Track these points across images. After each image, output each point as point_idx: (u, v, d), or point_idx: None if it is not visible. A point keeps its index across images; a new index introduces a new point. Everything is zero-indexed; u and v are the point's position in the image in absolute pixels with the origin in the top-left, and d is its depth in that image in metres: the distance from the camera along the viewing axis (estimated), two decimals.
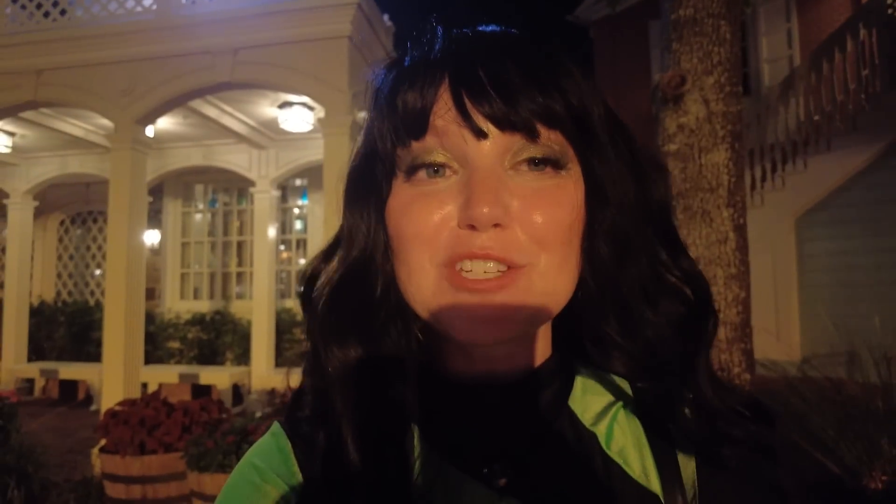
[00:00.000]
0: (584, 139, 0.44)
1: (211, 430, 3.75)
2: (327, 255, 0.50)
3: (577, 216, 0.44)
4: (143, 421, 3.76)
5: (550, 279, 0.43)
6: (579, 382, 0.50)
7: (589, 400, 0.49)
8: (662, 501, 0.44)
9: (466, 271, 0.41)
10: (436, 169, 0.43)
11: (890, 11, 6.69)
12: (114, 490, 3.74)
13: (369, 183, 0.47)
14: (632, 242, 0.46)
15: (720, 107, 2.51)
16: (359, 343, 0.45)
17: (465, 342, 0.43)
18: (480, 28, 0.47)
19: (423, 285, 0.43)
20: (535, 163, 0.43)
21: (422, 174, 0.43)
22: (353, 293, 0.46)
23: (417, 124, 0.43)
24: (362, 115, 0.51)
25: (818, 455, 2.16)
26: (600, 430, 0.47)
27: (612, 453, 0.46)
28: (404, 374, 0.45)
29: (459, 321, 0.42)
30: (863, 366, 2.83)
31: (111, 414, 3.86)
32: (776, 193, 7.33)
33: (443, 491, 0.44)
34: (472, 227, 0.40)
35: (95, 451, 4.17)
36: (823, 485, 2.16)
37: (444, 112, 0.42)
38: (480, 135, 0.41)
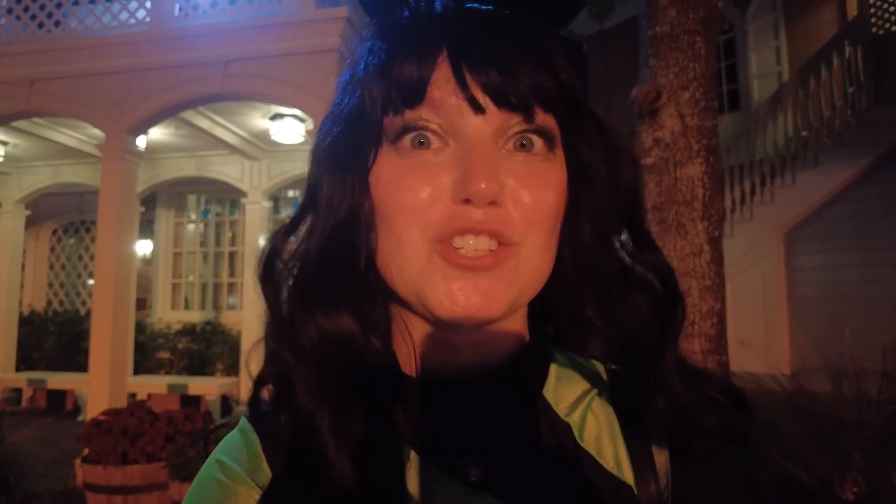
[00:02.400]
0: (574, 122, 0.45)
1: (195, 440, 3.74)
2: (290, 228, 0.47)
3: (563, 199, 0.45)
4: (125, 430, 3.75)
5: (536, 259, 0.43)
6: (553, 370, 0.49)
7: (564, 389, 0.48)
8: (635, 491, 0.43)
9: (458, 248, 0.41)
10: (422, 141, 0.42)
11: (874, 30, 6.81)
12: (95, 500, 3.72)
13: (352, 149, 0.44)
14: (611, 224, 0.47)
15: (695, 121, 2.55)
16: (346, 314, 0.43)
17: (450, 320, 0.41)
18: (472, 5, 0.46)
19: (412, 260, 0.42)
20: (524, 144, 0.42)
21: (408, 142, 0.42)
22: (339, 261, 0.44)
23: (414, 93, 0.41)
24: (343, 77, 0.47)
25: (790, 465, 2.18)
26: (574, 420, 0.46)
27: (586, 444, 0.45)
28: (383, 357, 0.44)
29: (447, 299, 0.41)
30: (850, 379, 2.86)
31: (94, 423, 3.85)
32: (765, 207, 7.40)
33: (415, 484, 0.42)
34: (468, 202, 0.40)
35: (79, 461, 4.15)
36: (794, 491, 2.18)
37: (442, 83, 0.41)
38: (479, 109, 0.41)
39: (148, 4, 5.28)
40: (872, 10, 6.90)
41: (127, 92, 5.02)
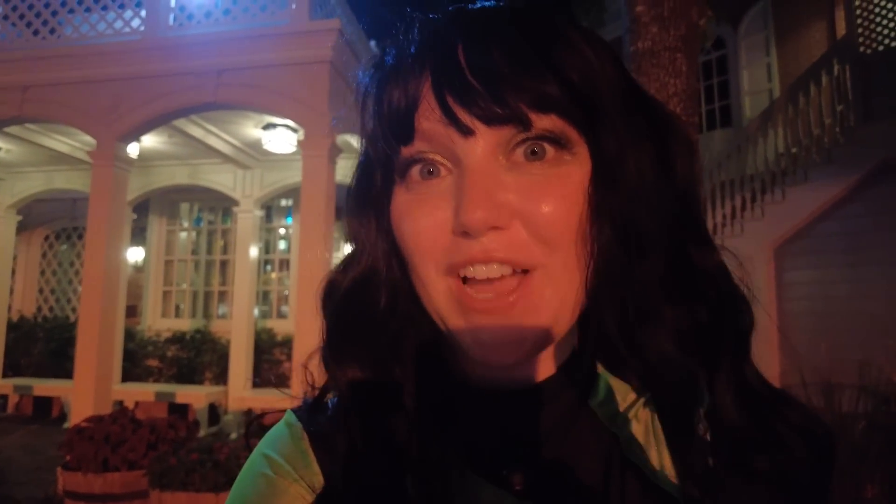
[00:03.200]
0: (589, 116, 0.40)
1: (177, 448, 3.72)
2: (347, 264, 0.48)
3: (583, 205, 0.40)
4: (107, 437, 3.73)
5: (563, 283, 0.40)
6: (602, 381, 0.47)
7: (612, 400, 0.46)
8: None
9: (470, 277, 0.40)
10: (430, 170, 0.41)
11: (862, 49, 6.90)
12: None
13: (369, 190, 0.45)
14: (645, 231, 0.40)
15: None
16: (364, 360, 0.44)
17: (483, 363, 0.41)
18: (466, 7, 0.43)
19: (435, 297, 0.42)
20: (534, 151, 0.39)
21: (415, 174, 0.41)
22: (356, 306, 0.45)
23: (404, 129, 0.40)
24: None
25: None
26: (621, 431, 0.44)
27: (632, 455, 0.43)
28: (416, 380, 0.44)
29: (472, 344, 0.40)
30: (827, 393, 2.88)
31: (76, 430, 3.83)
32: (756, 223, 7.45)
33: (462, 495, 0.42)
34: (467, 234, 0.38)
35: (60, 468, 4.12)
36: None
37: (428, 113, 0.39)
38: (467, 132, 0.39)
39: (143, 13, 5.32)
40: (860, 30, 7.00)
41: (119, 99, 5.05)
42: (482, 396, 0.45)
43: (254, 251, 7.19)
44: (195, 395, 6.81)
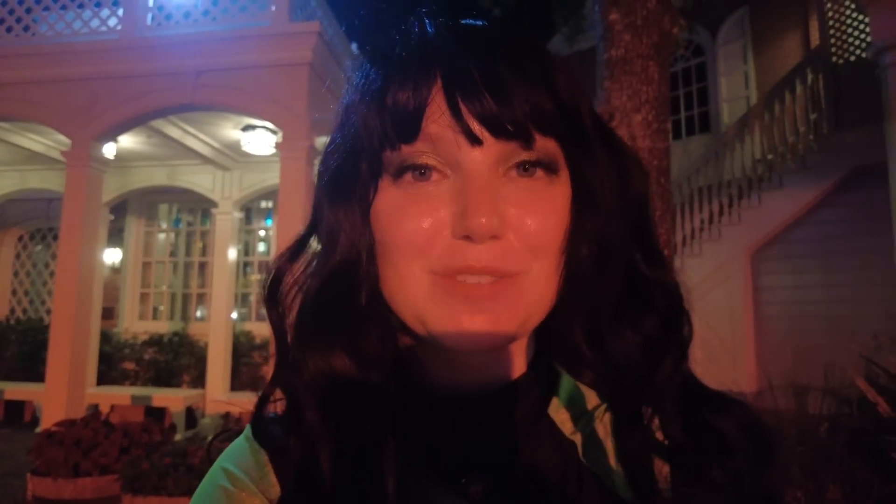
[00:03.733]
0: (576, 142, 0.43)
1: (150, 452, 3.68)
2: (294, 253, 0.47)
3: (566, 222, 0.43)
4: (79, 442, 3.67)
5: (541, 286, 0.42)
6: (562, 390, 0.48)
7: (569, 408, 0.47)
8: None
9: (460, 281, 0.41)
10: (422, 171, 0.41)
11: (835, 59, 7.06)
12: None
13: (353, 182, 0.44)
14: (613, 247, 0.44)
15: (647, 143, 2.63)
16: (341, 353, 0.43)
17: (455, 349, 0.41)
18: (467, 21, 0.45)
19: (414, 293, 0.42)
20: (526, 168, 0.42)
21: (409, 176, 0.42)
22: (337, 300, 0.44)
23: (410, 128, 0.41)
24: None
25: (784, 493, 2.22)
26: (578, 439, 0.46)
27: (590, 461, 0.45)
28: (384, 385, 0.43)
29: (452, 329, 0.41)
30: (796, 396, 2.94)
31: (46, 435, 3.77)
32: (732, 228, 7.56)
33: (419, 503, 0.42)
34: (468, 238, 0.39)
35: (30, 473, 4.05)
36: None
37: (437, 116, 0.40)
38: (476, 141, 0.40)
39: (120, 12, 5.26)
40: (833, 41, 7.16)
41: (95, 99, 4.98)
42: (441, 403, 0.46)
43: (233, 253, 7.13)
44: (172, 399, 6.72)
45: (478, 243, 0.39)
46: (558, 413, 0.47)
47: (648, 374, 0.44)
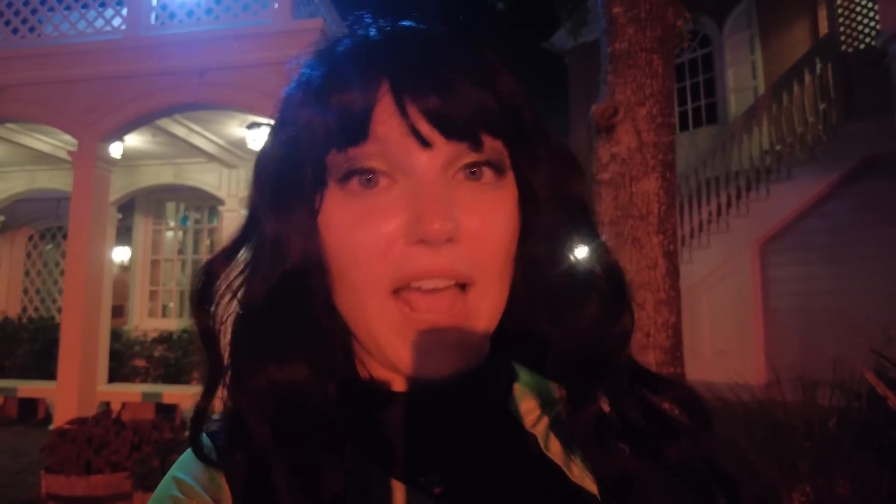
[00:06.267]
0: (520, 144, 0.43)
1: (161, 450, 3.71)
2: (230, 254, 0.46)
3: (515, 225, 0.44)
4: (90, 439, 3.71)
5: (493, 296, 0.42)
6: (519, 383, 0.48)
7: (528, 401, 0.47)
8: (599, 500, 0.43)
9: (416, 287, 0.40)
10: (369, 178, 0.41)
11: (844, 48, 6.98)
12: None
13: (297, 187, 0.42)
14: (562, 244, 0.46)
15: (651, 137, 2.61)
16: (294, 364, 0.42)
17: (412, 377, 0.41)
18: (408, 24, 0.44)
19: (370, 314, 0.41)
20: (473, 171, 0.41)
21: (356, 182, 0.41)
22: (288, 309, 0.42)
23: (358, 129, 0.39)
24: None
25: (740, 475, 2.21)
26: (539, 431, 0.46)
27: (553, 454, 0.45)
28: (334, 392, 0.43)
29: (408, 361, 0.41)
30: (806, 390, 2.92)
31: (58, 433, 3.81)
32: (741, 219, 7.51)
33: (380, 501, 0.42)
34: (423, 243, 0.39)
35: (43, 471, 4.10)
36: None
37: (385, 117, 0.39)
38: (425, 144, 0.39)
39: (124, 12, 5.28)
40: (842, 29, 7.07)
41: (100, 99, 5.01)
42: (398, 398, 0.45)
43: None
44: (182, 396, 6.77)
45: (433, 247, 0.39)
46: (519, 406, 0.47)
47: (599, 353, 0.45)
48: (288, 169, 0.43)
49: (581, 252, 0.48)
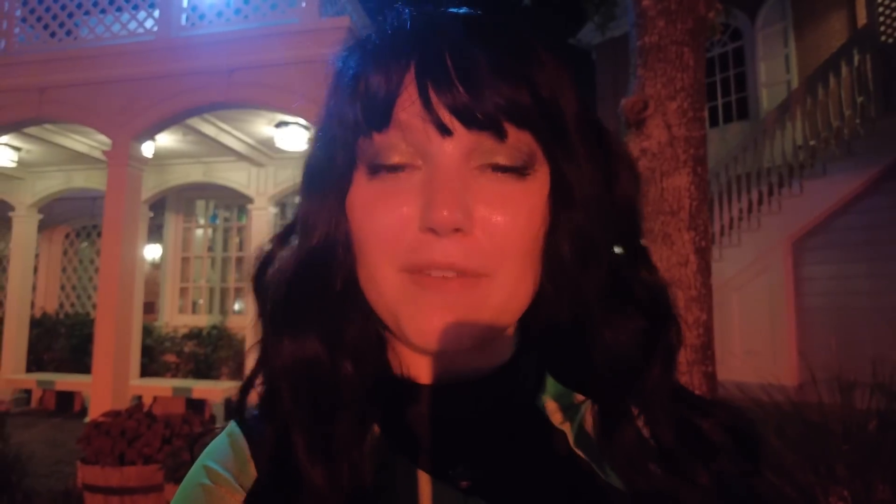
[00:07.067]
0: (554, 138, 0.42)
1: (191, 443, 3.78)
2: (282, 238, 0.48)
3: (542, 221, 0.42)
4: (123, 432, 3.80)
5: (508, 290, 0.41)
6: (549, 381, 0.48)
7: (558, 399, 0.47)
8: (630, 498, 0.42)
9: (426, 273, 0.41)
10: (395, 163, 0.41)
11: (883, 38, 6.75)
12: (93, 501, 3.78)
13: (329, 170, 0.44)
14: (596, 244, 0.43)
15: (682, 131, 2.55)
16: (313, 339, 0.43)
17: (424, 349, 0.42)
18: (450, 10, 0.44)
19: (384, 289, 0.42)
20: (497, 163, 0.41)
21: (383, 170, 0.42)
22: (310, 285, 0.44)
23: (381, 116, 0.40)
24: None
25: (773, 477, 2.16)
26: (568, 428, 0.46)
27: (580, 450, 0.45)
28: (361, 372, 0.43)
29: (421, 329, 0.41)
30: (843, 391, 2.83)
31: (94, 425, 3.92)
32: (772, 217, 7.34)
33: (407, 492, 0.42)
34: (433, 231, 0.39)
35: (80, 461, 4.22)
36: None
37: (408, 105, 0.40)
38: (445, 132, 0.39)
39: (156, 14, 5.39)
40: (882, 19, 6.84)
41: (133, 99, 5.12)
42: (426, 390, 0.45)
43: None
44: (212, 391, 6.91)
45: (442, 237, 0.39)
46: (548, 404, 0.47)
47: (636, 371, 0.44)
48: (323, 154, 0.45)
49: (622, 257, 0.46)
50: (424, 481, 0.43)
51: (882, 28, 6.77)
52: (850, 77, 6.76)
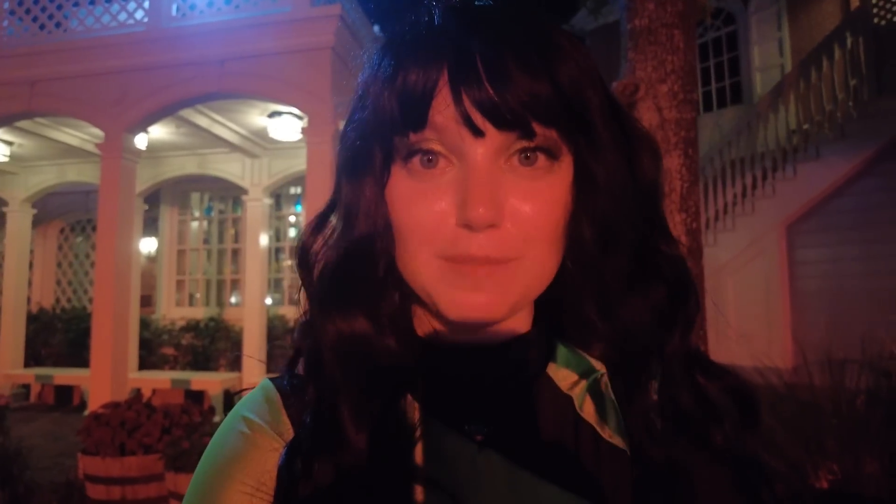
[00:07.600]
0: (580, 131, 0.44)
1: (190, 432, 3.81)
2: (319, 224, 0.51)
3: (566, 208, 0.45)
4: (123, 423, 3.82)
5: (536, 270, 0.45)
6: (559, 353, 0.51)
7: (567, 369, 0.51)
8: (630, 457, 0.46)
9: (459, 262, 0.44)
10: (430, 159, 0.44)
11: (876, 21, 6.75)
12: (94, 491, 3.81)
13: (369, 161, 0.47)
14: (618, 227, 0.46)
15: (673, 114, 2.57)
16: (360, 317, 0.47)
17: (458, 323, 0.45)
18: (479, 3, 0.46)
19: (423, 271, 0.45)
20: (528, 155, 0.44)
21: (417, 162, 0.44)
22: (356, 270, 0.47)
23: (417, 118, 0.43)
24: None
25: (765, 455, 2.20)
26: (575, 394, 0.49)
27: (586, 415, 0.48)
28: (401, 345, 0.47)
29: (456, 305, 0.44)
30: (833, 370, 2.87)
31: (94, 416, 3.94)
32: (766, 201, 7.36)
33: (427, 443, 0.46)
34: (469, 227, 0.42)
35: (80, 453, 4.24)
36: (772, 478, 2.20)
37: (443, 108, 0.42)
38: (478, 133, 0.42)
39: (146, 5, 5.35)
40: (874, 1, 6.83)
41: (125, 91, 5.10)
42: (450, 352, 0.50)
43: (264, 239, 7.26)
44: (210, 382, 6.93)
45: (477, 232, 0.42)
46: (557, 373, 0.51)
47: (657, 342, 0.47)
48: (361, 144, 0.47)
49: (644, 232, 0.48)
50: (443, 432, 0.47)
51: (875, 10, 6.77)
52: (843, 59, 6.76)
